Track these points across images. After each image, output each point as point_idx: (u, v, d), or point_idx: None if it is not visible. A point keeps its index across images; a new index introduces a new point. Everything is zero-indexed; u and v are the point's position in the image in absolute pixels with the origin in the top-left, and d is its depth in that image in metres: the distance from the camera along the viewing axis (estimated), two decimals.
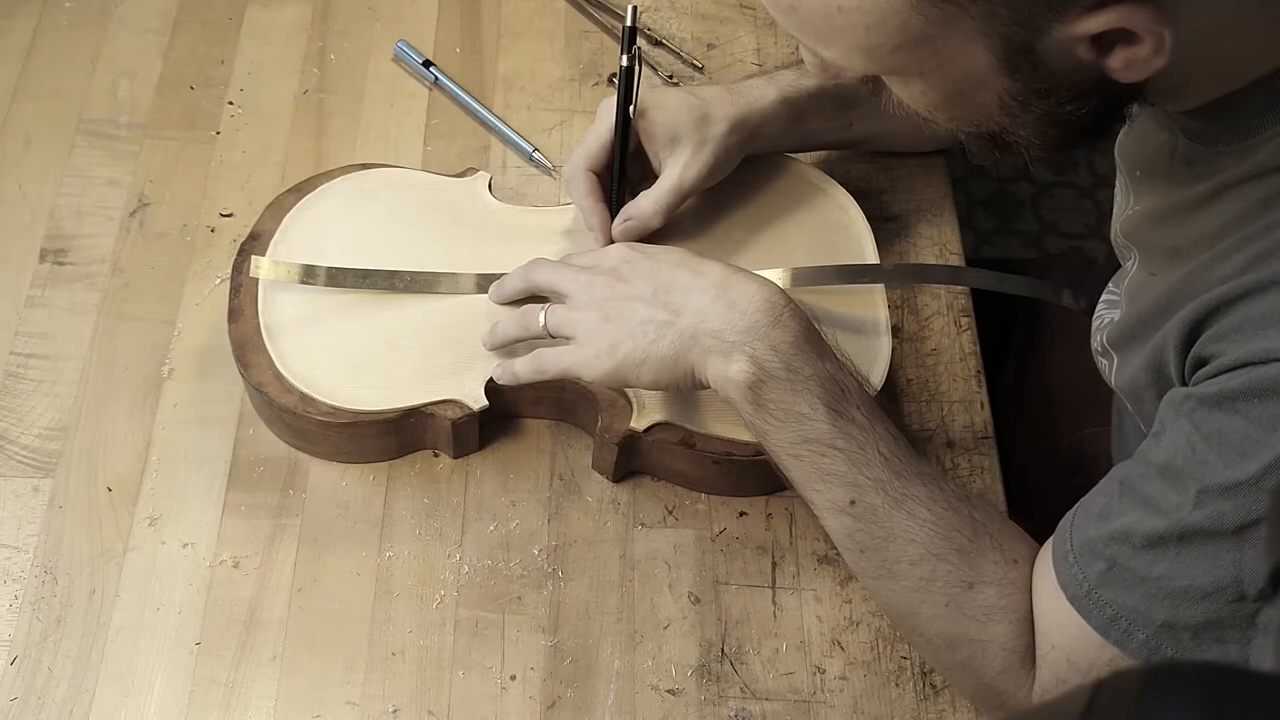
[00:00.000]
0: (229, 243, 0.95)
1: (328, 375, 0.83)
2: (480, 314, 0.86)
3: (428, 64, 1.05)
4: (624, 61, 0.84)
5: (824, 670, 0.81)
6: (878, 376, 0.85)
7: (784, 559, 0.85)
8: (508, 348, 0.84)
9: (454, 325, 0.86)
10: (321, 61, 1.06)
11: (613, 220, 0.88)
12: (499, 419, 0.87)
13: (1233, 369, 0.63)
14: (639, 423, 0.83)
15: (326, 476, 0.86)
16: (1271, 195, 0.64)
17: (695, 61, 1.08)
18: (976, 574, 0.71)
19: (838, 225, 0.93)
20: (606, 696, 0.79)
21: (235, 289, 0.87)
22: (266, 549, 0.83)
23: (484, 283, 0.87)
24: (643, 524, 0.86)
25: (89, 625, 0.80)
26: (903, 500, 0.72)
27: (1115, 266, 0.86)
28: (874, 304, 0.89)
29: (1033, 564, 0.72)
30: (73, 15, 1.07)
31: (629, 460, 0.86)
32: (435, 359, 0.85)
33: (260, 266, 0.85)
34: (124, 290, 0.93)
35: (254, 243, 0.89)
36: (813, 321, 0.76)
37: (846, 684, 0.81)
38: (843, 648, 0.82)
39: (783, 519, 0.86)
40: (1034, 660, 0.71)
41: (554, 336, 0.80)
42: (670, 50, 1.09)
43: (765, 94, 0.90)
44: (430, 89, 1.05)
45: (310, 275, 0.86)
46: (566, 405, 0.87)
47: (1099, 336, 0.82)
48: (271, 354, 0.84)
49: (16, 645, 0.79)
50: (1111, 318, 0.81)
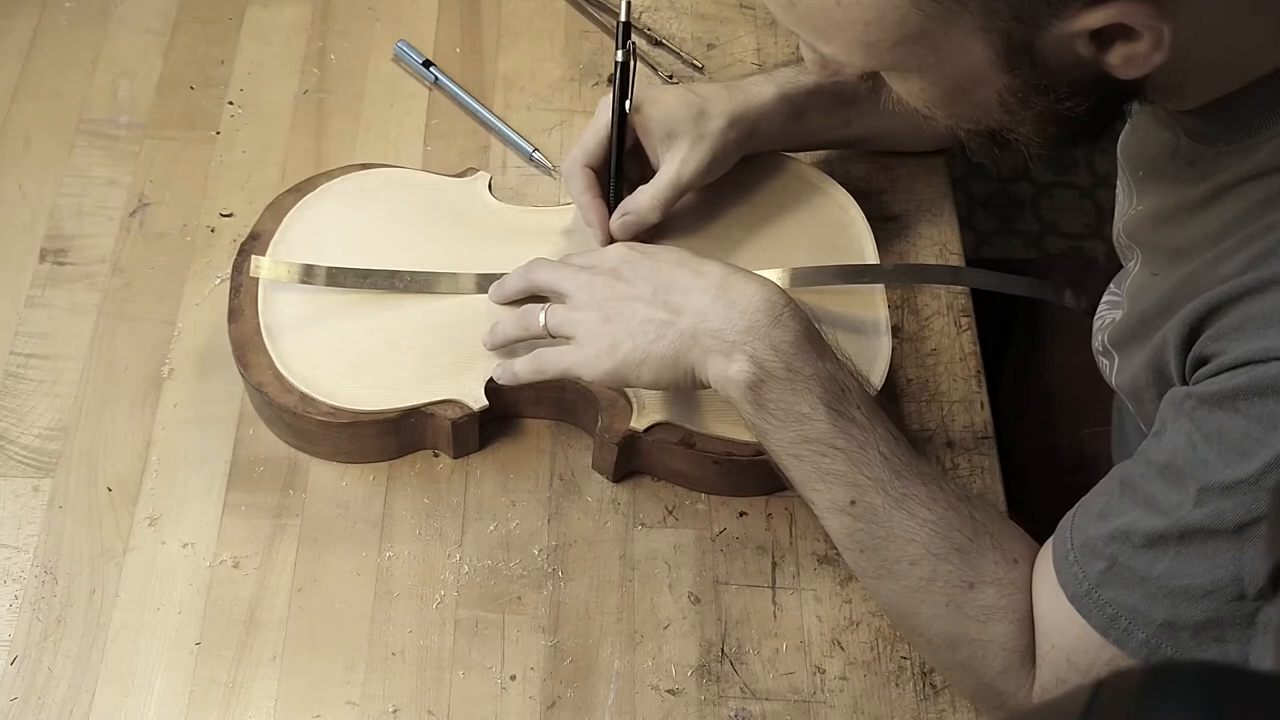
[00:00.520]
0: (229, 243, 0.95)
1: (328, 375, 0.83)
2: (480, 314, 0.86)
3: (428, 64, 1.05)
4: (619, 57, 0.84)
5: (824, 670, 0.81)
6: (878, 376, 0.85)
7: (784, 559, 0.85)
8: (508, 348, 0.84)
9: (454, 325, 0.86)
10: (321, 61, 1.06)
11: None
12: (499, 419, 0.87)
13: (1233, 368, 0.63)
14: (639, 423, 0.83)
15: (326, 476, 0.86)
16: (1272, 195, 0.64)
17: (695, 61, 1.08)
18: (977, 574, 0.71)
19: (838, 225, 0.93)
20: (606, 696, 0.79)
21: (235, 289, 0.87)
22: (266, 549, 0.83)
23: (484, 283, 0.87)
24: (643, 524, 0.86)
25: (89, 625, 0.80)
26: (903, 500, 0.72)
27: (1116, 266, 0.86)
28: (874, 304, 0.89)
29: (1033, 564, 0.72)
30: (73, 15, 1.07)
31: (629, 460, 0.86)
32: (435, 359, 0.85)
33: (260, 266, 0.85)
34: (124, 290, 0.93)
35: (254, 243, 0.89)
36: (813, 321, 0.76)
37: (846, 684, 0.81)
38: (843, 648, 0.82)
39: (783, 519, 0.86)
40: (1034, 660, 0.71)
41: (554, 336, 0.80)
42: (670, 50, 1.09)
43: (764, 91, 0.90)
44: (430, 89, 1.05)
45: (310, 275, 0.86)
46: (566, 405, 0.87)
47: (1100, 337, 0.82)
48: (271, 354, 0.84)
49: (16, 645, 0.79)
50: (1113, 318, 0.81)
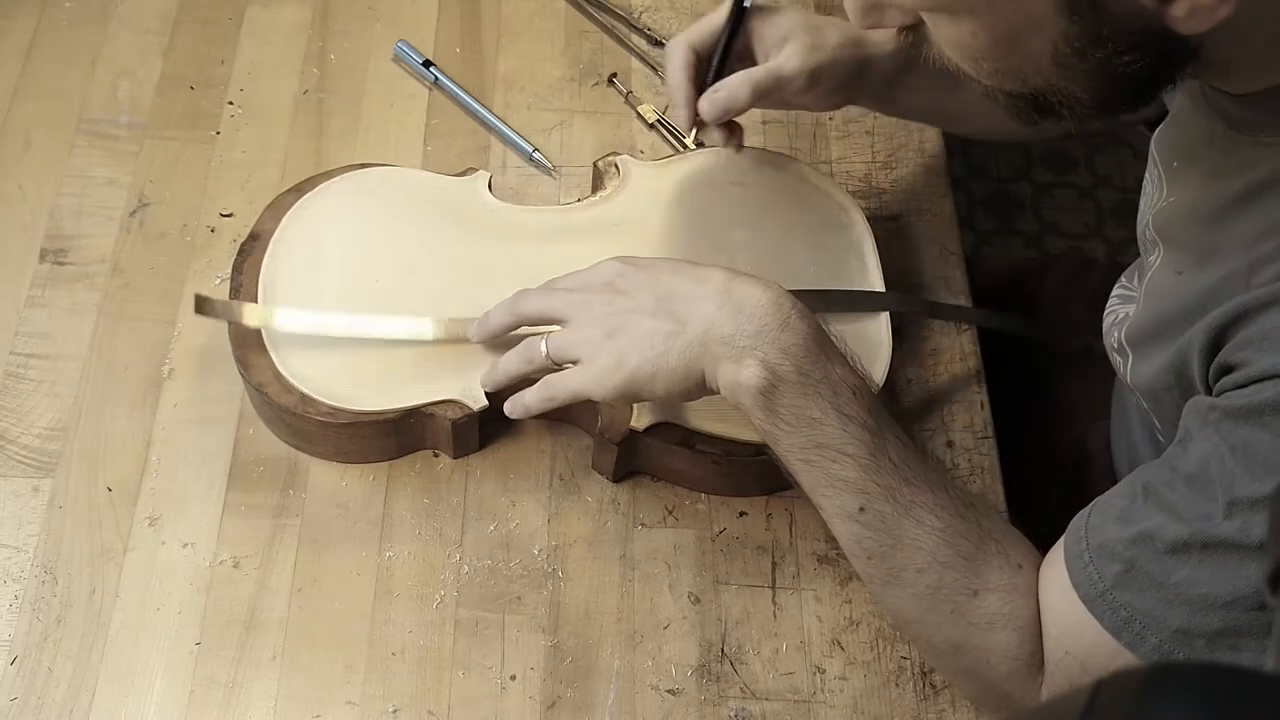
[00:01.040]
0: (229, 243, 0.95)
1: (328, 375, 0.83)
2: (481, 314, 0.85)
3: (428, 64, 1.05)
4: None
5: (824, 670, 0.81)
6: (878, 376, 0.85)
7: (784, 559, 0.85)
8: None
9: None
10: (321, 61, 1.06)
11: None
12: (499, 419, 0.87)
13: (1260, 380, 0.62)
14: (639, 423, 0.83)
15: (326, 476, 0.86)
16: None
17: None
18: (981, 581, 0.71)
19: (838, 225, 0.93)
20: (606, 696, 0.79)
21: (235, 289, 0.87)
22: (266, 549, 0.83)
23: (454, 328, 0.84)
24: (643, 524, 0.86)
25: (89, 625, 0.80)
26: (911, 508, 0.71)
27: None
28: None
29: (1037, 569, 0.72)
30: (73, 15, 1.07)
31: (629, 460, 0.86)
32: (435, 359, 0.85)
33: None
34: (124, 290, 0.93)
35: (254, 242, 0.88)
36: (819, 320, 0.75)
37: (846, 684, 0.81)
38: (843, 648, 0.82)
39: (783, 519, 0.86)
40: (1040, 665, 0.71)
41: (558, 364, 0.77)
42: None
43: (882, 35, 0.83)
44: (430, 89, 1.05)
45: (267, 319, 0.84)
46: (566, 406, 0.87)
47: (1116, 333, 0.81)
48: (271, 354, 0.84)
49: (16, 645, 0.79)
50: (1127, 313, 0.80)
